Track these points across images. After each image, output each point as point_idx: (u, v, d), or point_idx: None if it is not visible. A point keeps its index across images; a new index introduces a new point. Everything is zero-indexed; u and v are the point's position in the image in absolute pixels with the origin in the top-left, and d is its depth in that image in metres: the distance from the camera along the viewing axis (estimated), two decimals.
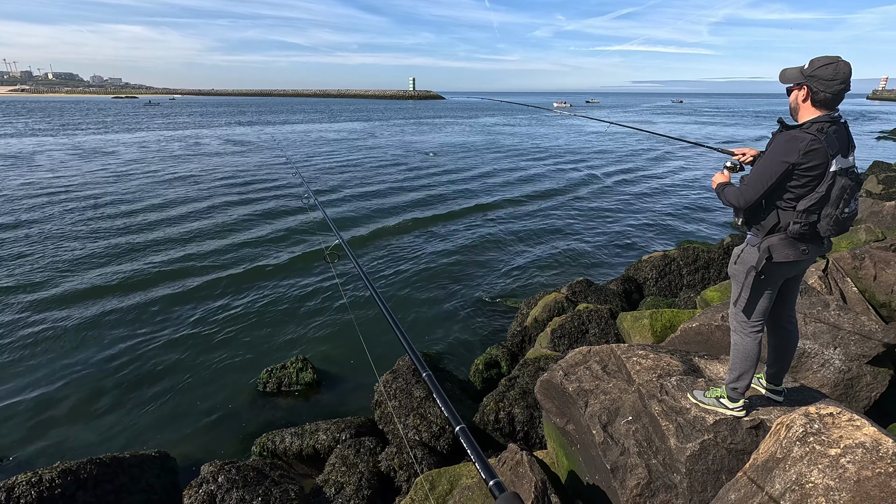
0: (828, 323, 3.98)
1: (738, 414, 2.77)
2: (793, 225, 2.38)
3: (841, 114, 2.34)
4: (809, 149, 2.25)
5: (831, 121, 2.29)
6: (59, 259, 10.41)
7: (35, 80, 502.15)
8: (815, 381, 3.69)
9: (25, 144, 31.79)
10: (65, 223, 13.13)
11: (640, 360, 3.40)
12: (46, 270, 9.77)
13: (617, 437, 2.99)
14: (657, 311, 5.85)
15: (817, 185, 2.29)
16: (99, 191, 17.28)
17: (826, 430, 2.10)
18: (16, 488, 3.65)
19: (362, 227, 13.33)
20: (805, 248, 2.42)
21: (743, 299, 2.58)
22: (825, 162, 2.25)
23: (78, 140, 35.01)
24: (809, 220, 2.34)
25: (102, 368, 6.57)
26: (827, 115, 2.30)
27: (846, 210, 2.28)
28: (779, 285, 2.59)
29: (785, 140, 2.32)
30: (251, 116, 68.94)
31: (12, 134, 39.84)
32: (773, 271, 2.50)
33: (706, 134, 42.19)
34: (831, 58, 2.24)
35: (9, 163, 23.65)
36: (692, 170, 23.60)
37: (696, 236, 13.00)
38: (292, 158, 25.89)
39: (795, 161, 2.28)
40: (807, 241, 2.43)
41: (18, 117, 63.12)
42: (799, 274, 2.64)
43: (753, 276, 2.49)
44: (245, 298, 8.73)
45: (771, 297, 2.59)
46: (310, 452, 4.78)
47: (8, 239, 11.66)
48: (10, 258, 10.39)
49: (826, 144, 2.23)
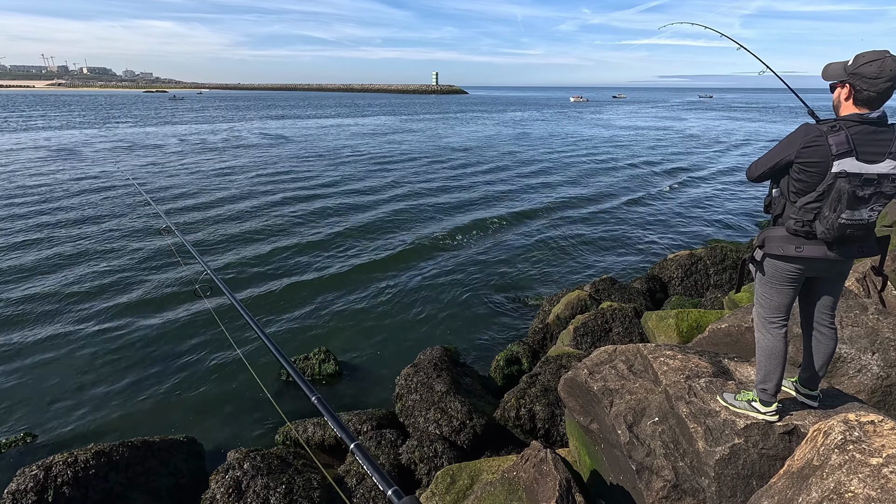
0: (866, 327, 3.83)
1: (771, 418, 2.69)
2: (790, 219, 2.32)
3: (885, 114, 2.18)
4: (808, 144, 2.18)
5: (860, 120, 2.14)
6: (102, 251, 10.76)
7: (71, 74, 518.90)
8: (852, 387, 3.56)
9: (70, 137, 32.93)
10: (106, 215, 13.56)
11: (668, 361, 3.34)
12: (85, 261, 10.12)
13: (643, 438, 2.93)
14: (683, 310, 5.73)
15: (817, 183, 2.20)
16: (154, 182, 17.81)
17: (867, 438, 2.02)
18: (53, 467, 3.80)
19: (379, 226, 13.41)
20: (799, 246, 2.32)
21: (756, 293, 2.56)
22: (825, 161, 2.14)
23: (119, 132, 36.10)
24: (805, 218, 2.26)
25: (134, 356, 6.77)
26: (857, 115, 2.15)
27: (844, 216, 2.13)
28: (797, 282, 2.47)
29: (796, 131, 2.28)
30: (282, 111, 69.72)
31: (58, 126, 41.30)
32: (774, 264, 2.44)
33: (749, 131, 41.02)
34: (877, 53, 2.10)
35: (58, 154, 24.58)
36: (718, 166, 22.99)
37: (724, 235, 12.68)
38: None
39: (792, 155, 2.24)
40: (802, 238, 2.32)
41: (58, 110, 65.31)
42: (826, 276, 2.49)
43: (756, 267, 2.48)
44: (277, 289, 8.88)
45: (788, 293, 2.49)
46: (332, 443, 4.85)
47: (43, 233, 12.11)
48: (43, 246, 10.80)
49: (832, 143, 2.12)
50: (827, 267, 2.42)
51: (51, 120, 48.68)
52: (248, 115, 60.03)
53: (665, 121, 52.61)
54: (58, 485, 3.73)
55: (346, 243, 11.49)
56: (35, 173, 19.16)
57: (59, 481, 3.75)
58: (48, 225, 12.39)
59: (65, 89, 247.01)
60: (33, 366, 6.47)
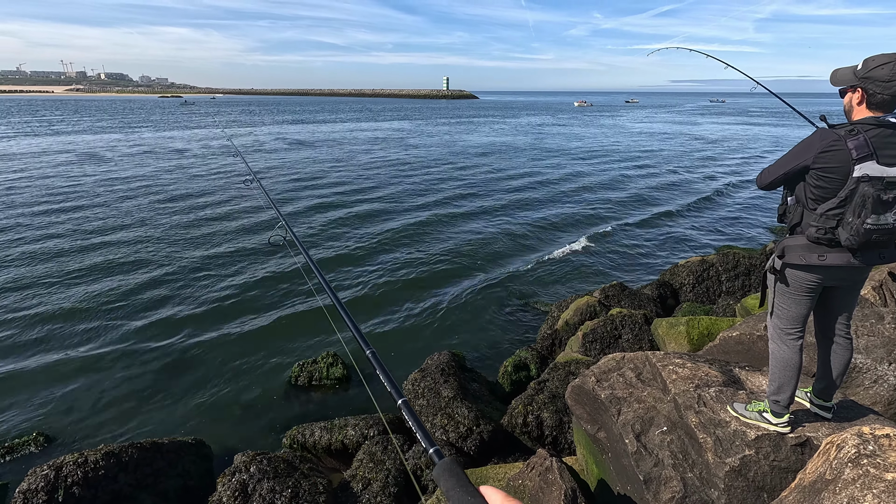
0: (882, 336, 3.74)
1: (783, 430, 2.63)
2: (810, 227, 2.26)
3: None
4: (826, 149, 2.13)
5: (877, 124, 2.11)
6: (111, 250, 10.94)
7: (89, 80, 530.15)
8: (867, 398, 3.47)
9: (89, 141, 33.59)
10: (123, 216, 13.79)
11: (677, 369, 3.29)
12: (98, 257, 10.29)
13: (651, 448, 2.89)
14: (694, 318, 5.65)
15: (838, 188, 2.15)
16: (156, 186, 18.07)
17: (882, 452, 1.96)
18: (63, 467, 3.84)
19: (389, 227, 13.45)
20: (822, 255, 2.26)
21: (770, 303, 2.49)
22: (845, 166, 2.10)
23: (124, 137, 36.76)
24: (827, 225, 2.20)
25: (143, 358, 6.85)
26: (873, 118, 2.12)
27: (868, 221, 2.08)
28: (815, 292, 2.42)
29: (811, 137, 2.24)
30: (299, 115, 70.30)
31: (81, 131, 42.11)
32: (794, 274, 2.38)
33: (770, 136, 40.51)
34: (889, 56, 2.07)
35: (82, 158, 25.08)
36: (732, 172, 22.71)
37: (736, 241, 12.51)
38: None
39: (808, 160, 2.19)
40: (825, 246, 2.26)
41: (81, 116, 66.57)
42: (845, 285, 2.43)
43: (774, 278, 2.41)
44: (278, 295, 8.93)
45: (806, 303, 2.43)
46: (338, 447, 4.84)
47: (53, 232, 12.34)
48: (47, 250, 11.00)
49: (851, 147, 2.07)
50: (846, 276, 2.36)
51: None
52: (271, 118, 60.64)
53: (682, 126, 52.14)
54: (68, 485, 3.77)
55: (354, 248, 11.53)
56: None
57: (69, 481, 3.79)
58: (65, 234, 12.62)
59: (83, 94, 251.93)
60: (44, 367, 6.57)
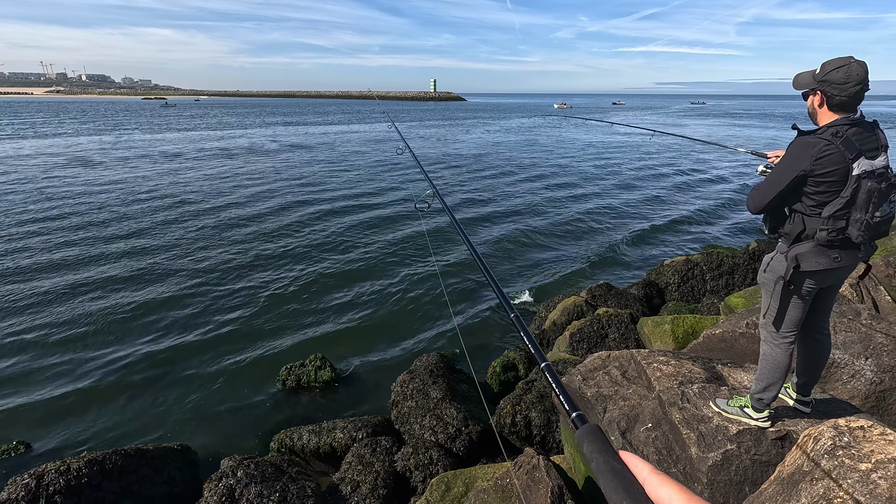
0: (859, 332, 3.83)
1: (763, 424, 2.69)
2: (820, 232, 2.28)
3: (864, 114, 2.25)
4: (822, 155, 2.18)
5: (850, 123, 2.19)
6: (93, 253, 10.76)
7: (70, 81, 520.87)
8: (845, 393, 3.56)
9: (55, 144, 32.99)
10: (102, 219, 13.57)
11: (661, 367, 3.34)
12: (84, 263, 10.12)
13: (636, 444, 2.93)
14: (679, 316, 5.74)
15: (841, 189, 2.20)
16: (138, 189, 17.82)
17: (856, 443, 2.02)
18: (45, 476, 3.78)
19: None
20: (837, 256, 2.31)
21: (773, 310, 2.48)
22: (844, 166, 2.16)
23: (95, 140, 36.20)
24: (837, 227, 2.24)
25: (127, 363, 6.75)
26: (845, 118, 2.21)
27: (877, 214, 2.17)
28: (812, 295, 2.48)
29: (797, 147, 2.26)
30: (288, 118, 69.81)
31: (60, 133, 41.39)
32: (803, 281, 2.41)
33: (746, 137, 41.19)
34: (843, 60, 2.17)
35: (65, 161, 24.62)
36: (717, 173, 23.07)
37: (720, 241, 12.71)
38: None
39: (807, 168, 2.21)
40: (838, 248, 2.32)
41: (61, 117, 65.43)
42: (836, 283, 2.52)
43: (782, 286, 2.40)
44: (262, 297, 8.87)
45: (804, 307, 2.48)
46: (327, 450, 4.82)
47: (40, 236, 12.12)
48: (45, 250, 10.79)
49: (843, 148, 2.14)
50: (843, 275, 2.43)
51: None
52: (262, 120, 60.16)
53: (668, 128, 52.80)
54: (49, 493, 3.71)
55: (341, 249, 11.49)
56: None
57: (50, 490, 3.72)
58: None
59: (64, 96, 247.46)
60: (23, 373, 6.44)
